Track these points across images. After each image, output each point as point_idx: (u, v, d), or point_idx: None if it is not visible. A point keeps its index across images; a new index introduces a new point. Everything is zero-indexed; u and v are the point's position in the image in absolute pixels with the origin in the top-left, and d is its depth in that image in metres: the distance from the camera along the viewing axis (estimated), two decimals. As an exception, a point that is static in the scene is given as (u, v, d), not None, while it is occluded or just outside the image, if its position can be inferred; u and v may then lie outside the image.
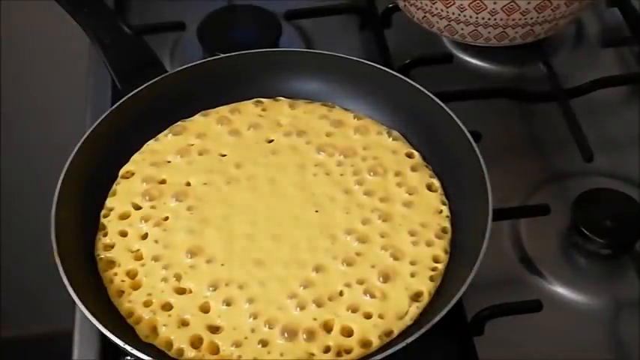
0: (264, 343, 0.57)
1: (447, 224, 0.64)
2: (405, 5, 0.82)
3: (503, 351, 0.64)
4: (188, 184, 0.66)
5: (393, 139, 0.70)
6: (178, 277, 0.61)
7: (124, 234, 0.63)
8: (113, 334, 0.55)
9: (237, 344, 0.57)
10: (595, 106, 0.80)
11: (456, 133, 0.66)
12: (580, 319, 0.67)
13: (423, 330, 0.55)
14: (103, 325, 0.55)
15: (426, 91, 0.69)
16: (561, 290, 0.68)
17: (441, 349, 0.64)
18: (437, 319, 0.56)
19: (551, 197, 0.72)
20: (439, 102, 0.68)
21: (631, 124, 0.79)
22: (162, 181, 0.67)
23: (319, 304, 0.59)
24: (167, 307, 0.59)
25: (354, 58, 0.72)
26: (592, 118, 0.78)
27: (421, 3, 0.80)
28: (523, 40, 0.81)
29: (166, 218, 0.64)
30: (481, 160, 0.64)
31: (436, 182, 0.67)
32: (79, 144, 0.65)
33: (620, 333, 0.66)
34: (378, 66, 0.72)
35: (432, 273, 0.61)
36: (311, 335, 0.58)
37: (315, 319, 0.58)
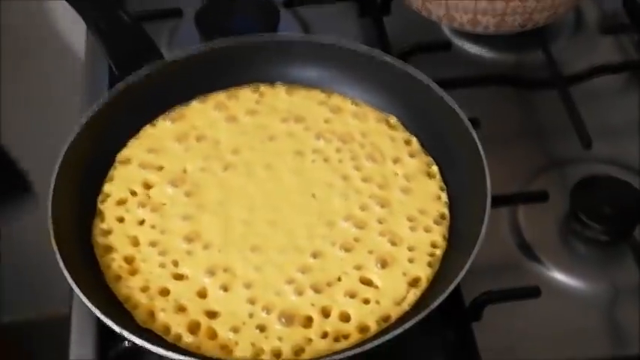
0: (261, 329, 0.57)
1: (446, 210, 0.64)
2: (404, -8, 0.82)
3: (501, 337, 0.64)
4: (185, 170, 0.66)
5: (391, 126, 0.70)
6: (175, 263, 0.61)
7: (121, 220, 0.63)
8: (110, 319, 0.55)
9: (235, 329, 0.57)
10: (594, 93, 0.80)
11: (455, 120, 0.66)
12: (578, 305, 0.67)
13: (420, 316, 0.55)
14: (100, 311, 0.55)
15: (425, 78, 0.69)
16: (559, 276, 0.68)
17: (438, 334, 0.64)
18: (435, 304, 0.55)
19: (549, 184, 0.72)
20: (438, 89, 0.68)
21: (629, 110, 0.79)
22: (160, 167, 0.66)
23: (317, 290, 0.59)
24: (165, 292, 0.59)
25: (353, 46, 0.72)
26: (591, 105, 0.78)
27: (420, -10, 0.79)
28: (522, 27, 0.81)
29: (163, 204, 0.64)
30: (480, 147, 0.64)
31: (434, 168, 0.67)
32: (76, 130, 0.65)
33: (618, 319, 0.66)
34: (377, 53, 0.72)
35: (430, 259, 0.61)
36: (309, 321, 0.58)
37: (313, 305, 0.58)
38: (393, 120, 0.70)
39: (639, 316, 0.65)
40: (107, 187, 0.65)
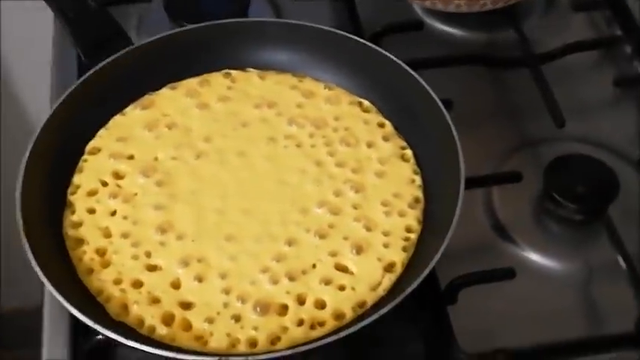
0: (237, 318, 0.57)
1: (420, 194, 0.64)
2: (375, -28, 0.81)
3: (477, 319, 0.64)
4: (156, 158, 0.65)
5: (365, 109, 0.69)
6: (148, 254, 0.60)
7: (91, 211, 0.62)
8: (83, 313, 0.54)
9: (210, 320, 0.57)
10: (567, 71, 0.79)
11: (428, 102, 0.66)
12: (553, 285, 0.67)
13: (396, 301, 0.55)
14: (72, 305, 0.55)
15: (397, 60, 0.68)
16: (534, 257, 0.68)
17: (414, 318, 0.64)
18: (409, 290, 0.55)
19: (523, 164, 0.72)
20: (410, 70, 0.68)
21: (603, 88, 0.79)
22: (130, 157, 0.65)
23: (292, 278, 0.59)
24: (138, 284, 0.59)
25: (325, 28, 0.71)
26: (564, 83, 0.78)
27: (391, -30, 0.79)
28: (494, 5, 0.80)
29: (135, 194, 0.63)
30: (453, 129, 0.63)
31: (408, 152, 0.66)
32: (44, 121, 0.64)
33: (593, 298, 0.67)
34: (349, 35, 0.71)
35: (405, 243, 0.61)
36: (284, 309, 0.57)
37: (288, 293, 0.58)
38: (367, 103, 0.69)
39: (614, 295, 0.65)
40: (77, 179, 0.64)
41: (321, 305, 0.58)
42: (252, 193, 0.63)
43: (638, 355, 0.62)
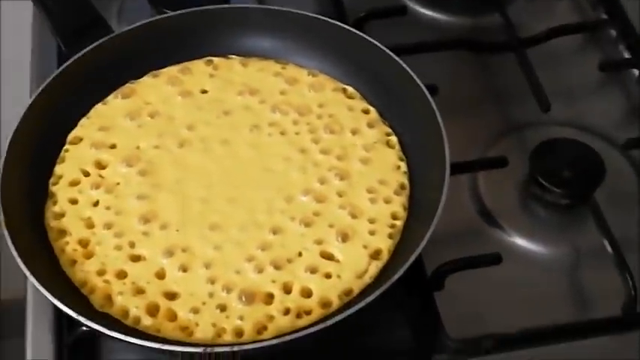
0: (222, 308, 0.56)
1: (405, 180, 0.64)
2: (358, -43, 0.81)
3: (464, 305, 0.64)
4: (139, 147, 0.65)
5: (349, 96, 0.69)
6: (132, 244, 0.59)
7: (74, 201, 0.62)
8: (66, 305, 0.54)
9: (195, 310, 0.56)
10: (552, 56, 0.79)
11: (412, 87, 0.65)
12: (540, 269, 0.67)
13: (382, 288, 0.55)
14: (55, 297, 0.54)
15: (381, 45, 0.68)
16: (521, 242, 0.68)
17: (401, 305, 0.63)
18: (396, 277, 0.55)
19: (509, 149, 0.72)
20: (394, 56, 0.67)
21: (588, 72, 0.79)
22: (112, 146, 0.65)
23: (278, 267, 0.58)
24: (122, 275, 0.58)
25: (308, 14, 0.71)
26: (549, 67, 0.77)
27: (374, -46, 0.78)
28: (478, -11, 0.80)
29: (117, 184, 0.63)
30: (437, 114, 0.63)
31: (393, 138, 0.66)
32: (24, 111, 0.63)
33: (580, 282, 0.67)
34: (332, 21, 0.70)
35: (391, 230, 0.61)
36: (270, 298, 0.57)
37: (273, 282, 0.58)
38: (351, 90, 0.69)
39: (601, 279, 0.65)
40: (59, 169, 0.63)
41: (307, 294, 0.57)
42: (236, 181, 0.63)
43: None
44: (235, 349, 0.53)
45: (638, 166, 0.72)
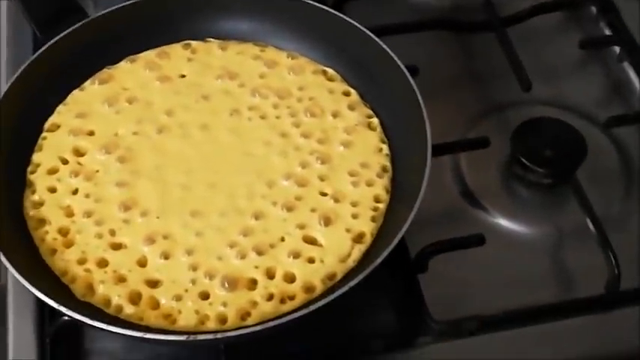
0: (205, 295, 0.56)
1: (387, 163, 0.63)
2: (336, -63, 0.80)
3: (448, 286, 0.64)
4: (117, 134, 0.64)
5: (329, 78, 0.68)
6: (112, 232, 0.59)
7: (53, 190, 0.61)
8: (47, 295, 0.53)
9: (178, 297, 0.56)
10: (532, 34, 0.79)
11: (393, 69, 0.65)
12: (523, 249, 0.67)
13: (365, 272, 0.55)
14: (36, 287, 0.53)
15: (360, 26, 0.67)
16: (504, 222, 0.68)
17: (385, 288, 0.63)
18: (379, 260, 0.55)
19: (490, 129, 0.72)
20: (374, 37, 0.67)
21: (568, 50, 0.78)
22: (90, 133, 0.64)
23: (260, 252, 0.58)
24: (103, 263, 0.58)
25: (286, -6, 0.70)
26: (529, 46, 0.77)
27: None
28: (458, -31, 0.79)
29: (96, 171, 0.62)
30: (419, 96, 0.63)
31: (375, 120, 0.66)
32: (-2, 99, 0.62)
33: (563, 262, 0.67)
34: (311, 2, 0.70)
35: (374, 213, 0.60)
36: (253, 284, 0.57)
37: (256, 267, 0.57)
38: (331, 72, 0.68)
39: (584, 258, 0.65)
40: (36, 157, 0.63)
41: (290, 279, 0.57)
42: (216, 167, 0.62)
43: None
44: (219, 336, 0.53)
45: (620, 144, 0.72)
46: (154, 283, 0.57)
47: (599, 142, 0.72)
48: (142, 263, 0.58)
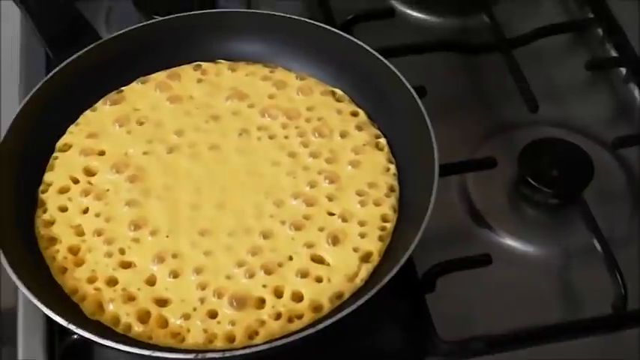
0: (213, 314, 0.56)
1: (395, 182, 0.64)
2: (345, -41, 0.81)
3: (455, 306, 0.64)
4: (127, 154, 0.65)
5: (338, 99, 0.69)
6: (122, 251, 0.59)
7: (63, 209, 0.62)
8: (57, 313, 0.54)
9: (186, 316, 0.56)
10: (539, 55, 0.79)
11: (400, 89, 0.66)
12: (530, 270, 0.67)
13: (373, 291, 0.55)
14: (46, 305, 0.54)
15: (369, 48, 0.68)
16: (510, 242, 0.68)
17: (393, 307, 0.63)
18: (386, 279, 0.55)
19: (497, 149, 0.72)
20: (382, 58, 0.67)
21: (575, 71, 0.79)
22: (101, 153, 0.65)
23: (268, 271, 0.58)
24: (112, 282, 0.58)
25: (295, 17, 0.71)
26: (536, 67, 0.78)
27: (360, -43, 0.78)
28: (465, -10, 0.80)
29: (107, 190, 0.62)
30: (426, 116, 0.63)
31: (382, 140, 0.66)
32: (12, 119, 0.63)
33: (570, 282, 0.67)
34: (320, 24, 0.71)
35: (382, 233, 0.61)
36: (261, 302, 0.57)
37: (264, 286, 0.58)
38: (339, 92, 0.69)
39: (591, 278, 0.65)
40: (48, 176, 0.63)
41: (298, 298, 0.58)
42: (225, 186, 0.63)
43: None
44: (227, 354, 0.53)
45: (626, 164, 0.72)
46: (162, 302, 0.57)
47: (606, 162, 0.72)
48: (152, 282, 0.58)
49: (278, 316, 0.57)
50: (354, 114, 0.68)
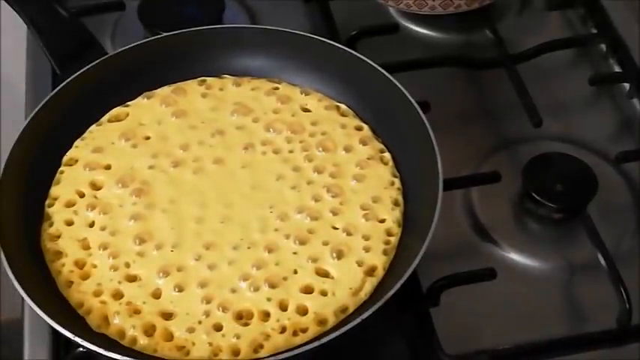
0: (218, 327, 0.57)
1: (399, 197, 0.64)
2: (349, -24, 0.81)
3: (459, 320, 0.64)
4: (133, 168, 0.65)
5: (342, 113, 0.69)
6: (128, 265, 0.60)
7: (69, 223, 0.62)
8: (62, 326, 0.54)
9: (191, 330, 0.56)
10: (542, 71, 0.80)
11: (404, 104, 0.66)
12: (534, 284, 0.67)
13: (377, 305, 0.55)
14: (52, 318, 0.54)
15: (373, 63, 0.68)
16: (515, 256, 0.68)
17: (397, 321, 0.64)
18: (391, 293, 0.55)
19: (501, 164, 0.72)
20: (386, 73, 0.68)
21: (579, 86, 0.79)
22: (107, 167, 0.65)
23: (273, 285, 0.58)
24: (118, 295, 0.58)
25: (300, 33, 0.71)
26: (540, 82, 0.78)
27: (364, -27, 0.79)
28: (468, 6, 0.80)
29: (113, 204, 0.63)
30: (430, 131, 0.63)
31: (387, 155, 0.66)
32: (19, 133, 0.64)
33: (574, 296, 0.67)
34: (324, 39, 0.71)
35: (386, 247, 0.61)
36: (266, 316, 0.57)
37: (269, 300, 0.58)
38: (344, 107, 0.69)
39: (595, 293, 0.65)
40: (54, 190, 0.64)
41: (303, 311, 0.58)
42: (230, 200, 0.63)
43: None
44: (232, 367, 0.54)
45: (630, 179, 0.73)
46: (168, 315, 0.57)
47: (610, 177, 0.72)
48: (157, 295, 0.58)
49: (283, 330, 0.57)
50: (359, 128, 0.68)
